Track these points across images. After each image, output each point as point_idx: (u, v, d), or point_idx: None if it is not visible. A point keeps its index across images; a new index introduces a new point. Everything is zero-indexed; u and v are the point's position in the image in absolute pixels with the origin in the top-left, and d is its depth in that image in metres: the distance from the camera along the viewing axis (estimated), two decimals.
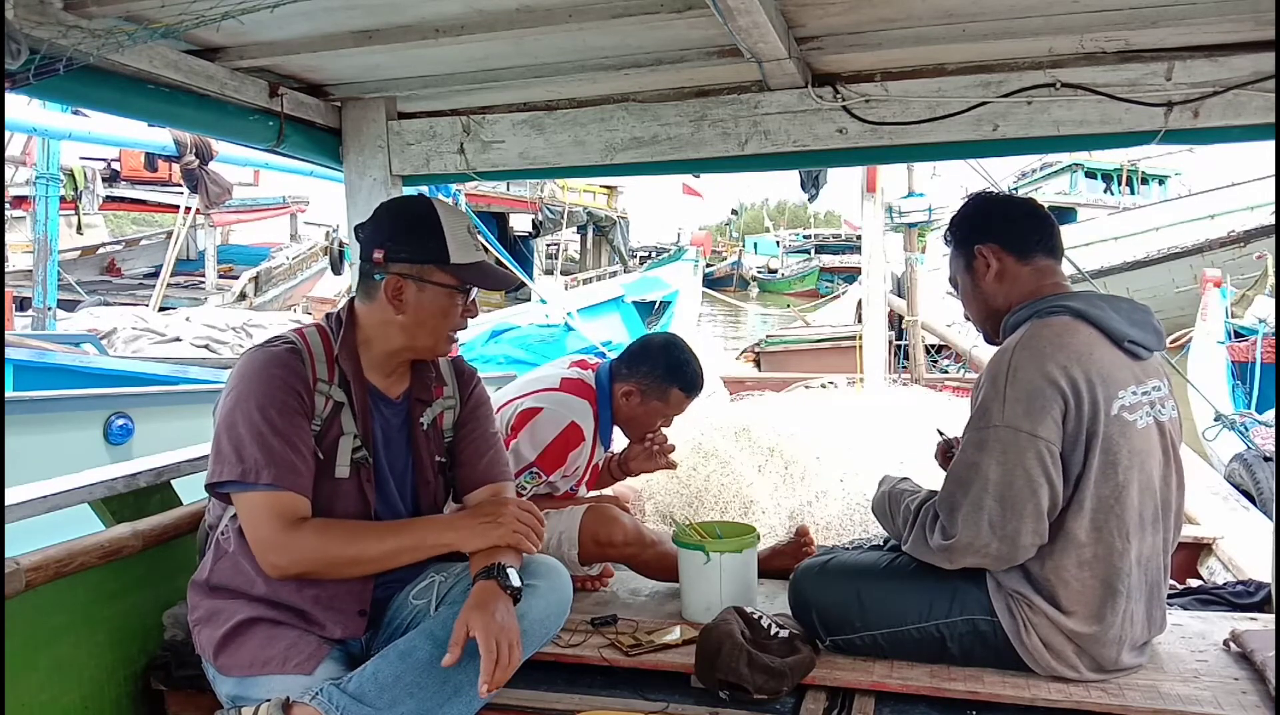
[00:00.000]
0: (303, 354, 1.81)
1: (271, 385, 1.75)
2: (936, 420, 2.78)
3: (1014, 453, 1.82)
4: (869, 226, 6.94)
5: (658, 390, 2.63)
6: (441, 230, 1.82)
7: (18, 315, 9.55)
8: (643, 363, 2.64)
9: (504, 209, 22.40)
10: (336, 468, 1.81)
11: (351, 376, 1.85)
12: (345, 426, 1.83)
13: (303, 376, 1.79)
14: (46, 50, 1.89)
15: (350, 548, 1.74)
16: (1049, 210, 2.17)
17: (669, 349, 2.68)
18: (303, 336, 1.86)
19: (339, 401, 1.83)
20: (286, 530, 1.70)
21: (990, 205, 2.16)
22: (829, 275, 33.24)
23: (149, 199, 17.11)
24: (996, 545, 1.84)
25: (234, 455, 1.71)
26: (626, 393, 2.64)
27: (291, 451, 1.73)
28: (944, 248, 2.22)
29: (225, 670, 1.76)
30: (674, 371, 2.63)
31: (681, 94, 2.68)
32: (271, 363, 1.77)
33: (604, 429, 2.65)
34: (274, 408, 1.73)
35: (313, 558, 1.72)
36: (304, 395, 1.78)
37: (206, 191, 8.51)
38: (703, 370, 2.70)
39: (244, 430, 1.71)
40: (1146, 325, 1.95)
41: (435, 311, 1.84)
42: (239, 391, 1.75)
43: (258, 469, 1.69)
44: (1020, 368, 1.84)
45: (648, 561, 2.53)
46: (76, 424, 4.65)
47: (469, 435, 2.03)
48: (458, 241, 1.83)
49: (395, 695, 1.62)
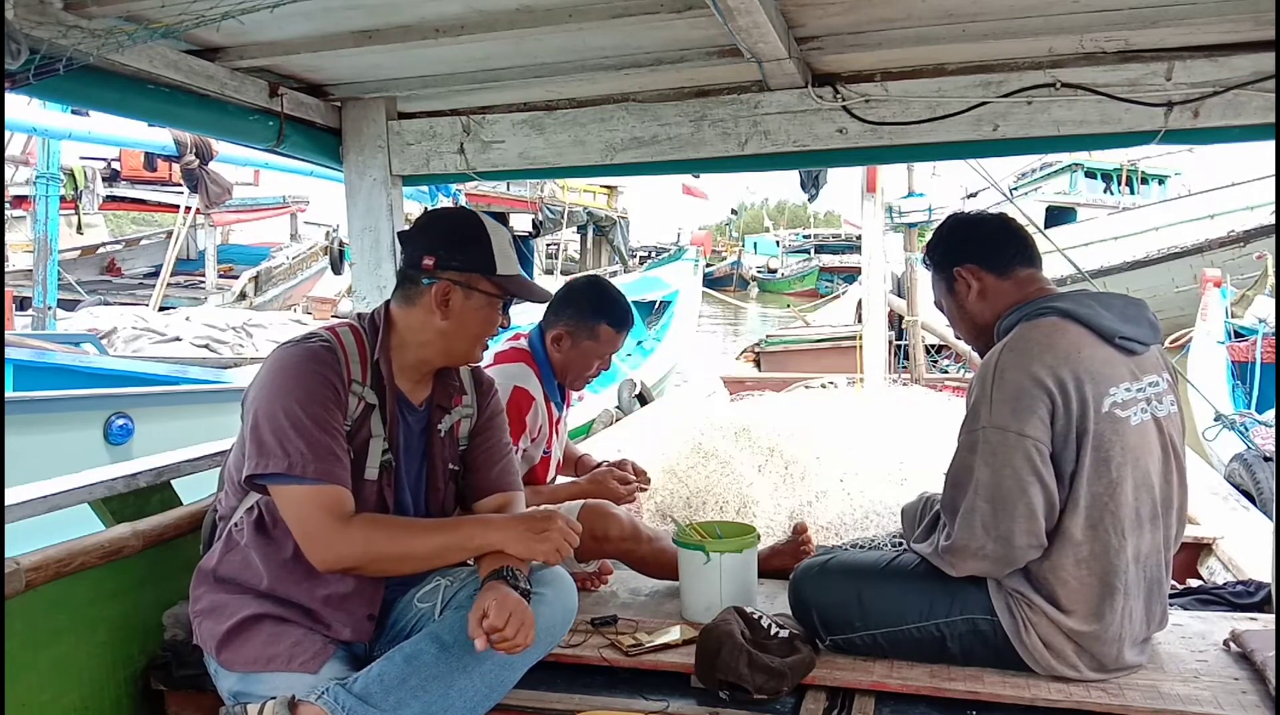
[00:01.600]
0: (338, 353, 1.82)
1: (313, 380, 1.75)
2: (936, 420, 2.78)
3: (1002, 453, 1.83)
4: (869, 226, 6.94)
5: (587, 329, 2.64)
6: (490, 242, 1.87)
7: (18, 315, 9.55)
8: (568, 306, 2.67)
9: (504, 209, 22.35)
10: (366, 469, 1.82)
11: (386, 380, 1.86)
12: (374, 429, 1.84)
13: (339, 374, 1.80)
14: (46, 50, 1.89)
15: (399, 545, 1.74)
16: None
17: (592, 287, 2.73)
18: (336, 336, 1.86)
19: (371, 403, 1.84)
20: (336, 525, 1.70)
21: (963, 227, 2.18)
22: (829, 275, 33.27)
23: (149, 199, 17.08)
24: (991, 546, 1.84)
25: (279, 448, 1.70)
26: (557, 338, 2.66)
27: (335, 445, 1.74)
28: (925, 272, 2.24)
29: (228, 665, 1.76)
30: (599, 308, 2.65)
31: (681, 94, 2.68)
32: (311, 358, 1.78)
33: (549, 384, 2.67)
34: (316, 403, 1.73)
35: (361, 552, 1.72)
36: (341, 392, 1.79)
37: (206, 191, 8.51)
38: (629, 304, 2.73)
39: (287, 423, 1.71)
40: (1140, 320, 1.95)
41: (478, 319, 1.88)
42: (279, 385, 1.75)
43: (304, 463, 1.69)
44: (1006, 369, 1.86)
45: (644, 557, 2.53)
46: (76, 424, 4.65)
47: (483, 444, 2.04)
48: (502, 254, 1.88)
49: (401, 697, 1.63)
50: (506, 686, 1.77)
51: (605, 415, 6.48)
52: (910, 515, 2.17)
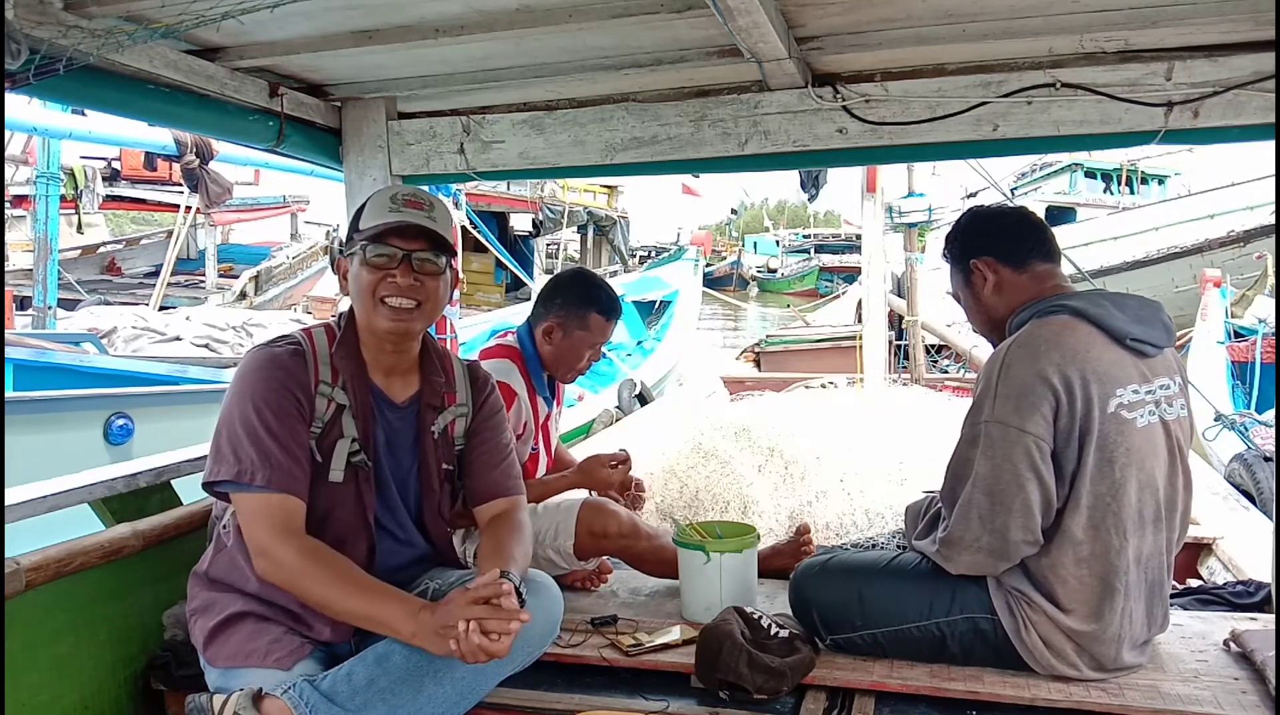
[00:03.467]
0: (306, 356, 1.81)
1: (269, 386, 1.75)
2: (936, 420, 2.78)
3: (1002, 447, 1.83)
4: (869, 226, 6.94)
5: (577, 319, 2.65)
6: (364, 206, 1.89)
7: (18, 314, 9.54)
8: (556, 297, 2.68)
9: (504, 208, 22.39)
10: (331, 472, 1.80)
11: (347, 376, 1.84)
12: (345, 430, 1.83)
13: (301, 379, 1.78)
14: (46, 50, 1.89)
15: (319, 590, 1.69)
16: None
17: (578, 278, 2.76)
18: (310, 337, 1.86)
19: (341, 404, 1.83)
20: (276, 540, 1.69)
21: (982, 219, 2.17)
22: (828, 275, 33.26)
23: (149, 198, 17.10)
24: (987, 540, 1.84)
25: (231, 455, 1.72)
26: (547, 330, 2.67)
27: (286, 454, 1.73)
28: (944, 262, 2.24)
29: (212, 661, 1.77)
30: (588, 298, 2.67)
31: (681, 94, 2.68)
32: (270, 363, 1.78)
33: (536, 379, 2.67)
34: (270, 409, 1.73)
35: (285, 580, 1.71)
36: (301, 398, 1.77)
37: (207, 191, 8.52)
38: (615, 293, 2.75)
39: (241, 430, 1.72)
40: (1154, 322, 1.95)
41: (361, 279, 1.82)
42: (238, 391, 1.77)
43: (253, 470, 1.70)
44: (1013, 364, 1.86)
45: (642, 554, 2.53)
46: (76, 424, 4.66)
47: (481, 445, 2.01)
48: (372, 210, 1.86)
49: (368, 699, 1.62)
50: (479, 694, 1.75)
51: (605, 415, 6.47)
52: (914, 513, 2.17)
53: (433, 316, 1.89)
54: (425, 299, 1.83)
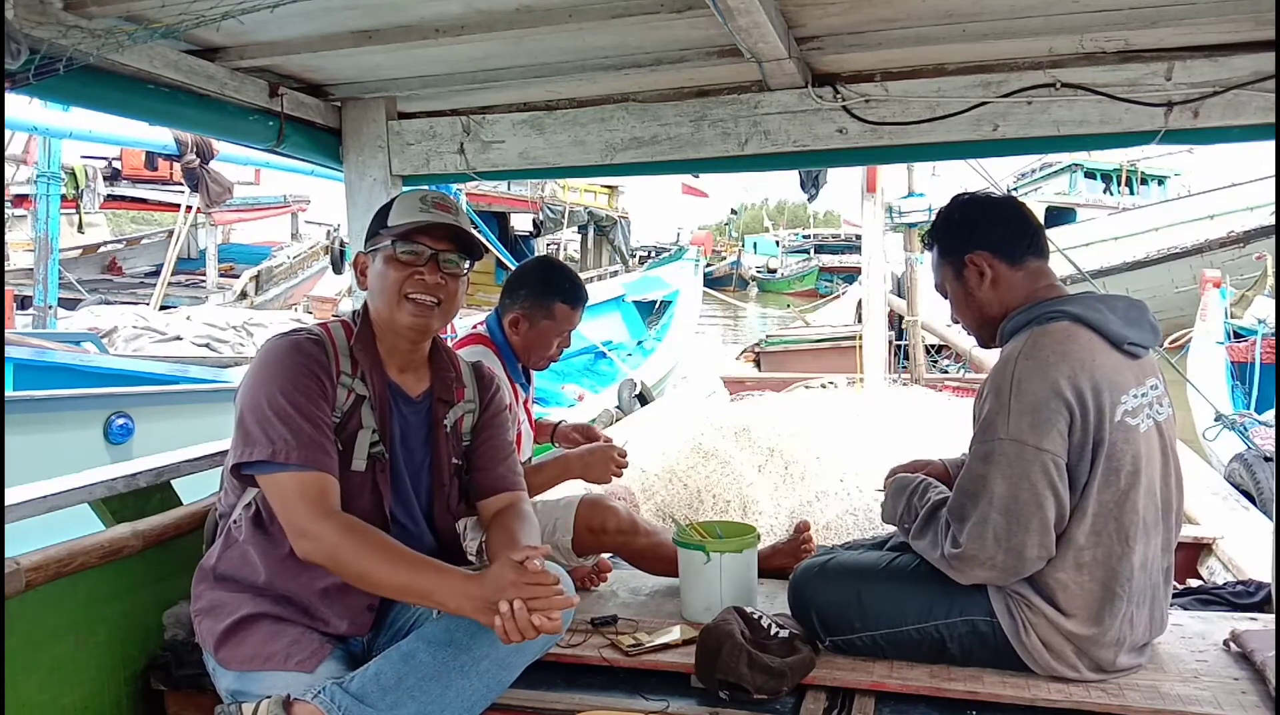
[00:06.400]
0: (326, 346, 1.84)
1: (296, 369, 1.76)
2: (936, 420, 2.77)
3: (1020, 467, 1.80)
4: (869, 226, 6.94)
5: (543, 309, 2.62)
6: (389, 205, 1.93)
7: (18, 314, 9.53)
8: (520, 288, 2.66)
9: (504, 208, 22.38)
10: (354, 460, 1.82)
11: (366, 367, 1.86)
12: (365, 421, 1.84)
13: (325, 365, 1.80)
14: (46, 50, 1.89)
15: (362, 562, 1.68)
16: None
17: (542, 267, 2.72)
18: (326, 330, 1.88)
19: (361, 395, 1.85)
20: (315, 518, 1.69)
21: (975, 210, 2.08)
22: (828, 275, 33.22)
23: (150, 198, 17.08)
24: (1002, 557, 1.83)
25: (262, 436, 1.70)
26: (514, 321, 2.64)
27: (319, 432, 1.74)
28: (928, 252, 2.17)
29: (226, 664, 1.76)
30: (551, 287, 2.64)
31: (681, 94, 2.68)
32: (295, 349, 1.79)
33: (510, 366, 2.64)
34: (299, 391, 1.74)
35: (327, 555, 1.70)
36: (326, 383, 1.79)
37: (207, 190, 8.52)
38: (580, 280, 2.72)
39: (270, 411, 1.71)
40: (1143, 323, 1.94)
41: (385, 278, 1.86)
42: (263, 375, 1.76)
43: (288, 449, 1.69)
44: (1024, 379, 1.82)
45: (640, 551, 2.53)
46: (76, 424, 4.66)
47: (486, 441, 2.04)
48: (400, 211, 1.90)
49: (397, 697, 1.63)
50: (503, 686, 1.77)
51: (605, 415, 6.48)
52: (900, 490, 2.12)
53: (449, 317, 1.93)
54: (446, 298, 1.88)
